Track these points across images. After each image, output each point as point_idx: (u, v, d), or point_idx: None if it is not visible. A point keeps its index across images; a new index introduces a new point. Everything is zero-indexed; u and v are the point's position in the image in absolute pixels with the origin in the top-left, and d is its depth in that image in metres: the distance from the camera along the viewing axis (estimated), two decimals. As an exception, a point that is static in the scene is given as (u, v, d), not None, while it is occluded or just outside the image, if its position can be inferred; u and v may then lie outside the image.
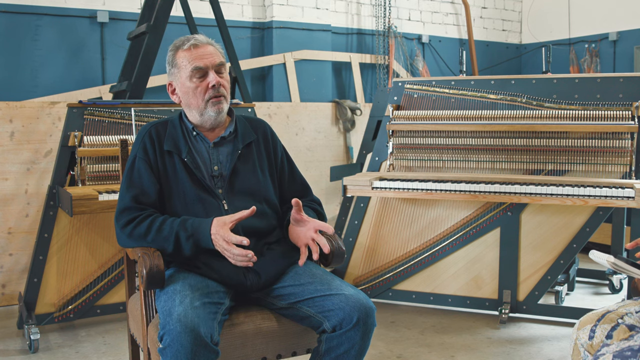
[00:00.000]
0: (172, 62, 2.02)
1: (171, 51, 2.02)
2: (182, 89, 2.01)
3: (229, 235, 1.81)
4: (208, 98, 1.98)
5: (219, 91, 1.98)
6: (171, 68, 2.02)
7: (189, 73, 1.97)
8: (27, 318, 3.12)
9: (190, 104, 2.01)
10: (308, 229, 1.93)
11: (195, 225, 1.87)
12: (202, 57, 1.97)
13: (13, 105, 3.70)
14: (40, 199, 3.70)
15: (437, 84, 3.59)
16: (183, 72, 1.98)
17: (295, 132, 5.02)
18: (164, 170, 1.99)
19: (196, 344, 1.65)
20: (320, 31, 5.67)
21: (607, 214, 3.22)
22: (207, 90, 1.97)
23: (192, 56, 1.97)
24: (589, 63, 6.36)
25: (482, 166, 3.42)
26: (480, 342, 3.14)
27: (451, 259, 3.51)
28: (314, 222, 1.93)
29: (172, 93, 2.07)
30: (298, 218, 1.95)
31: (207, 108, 1.99)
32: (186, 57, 1.97)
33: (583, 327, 1.70)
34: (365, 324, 1.82)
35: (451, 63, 6.65)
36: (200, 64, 1.96)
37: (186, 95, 2.00)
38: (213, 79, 1.97)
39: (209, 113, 2.00)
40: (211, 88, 1.97)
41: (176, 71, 2.00)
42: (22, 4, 4.48)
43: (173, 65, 2.01)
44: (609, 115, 3.19)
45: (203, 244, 1.86)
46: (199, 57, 1.97)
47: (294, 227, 1.99)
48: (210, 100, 1.98)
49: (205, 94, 1.98)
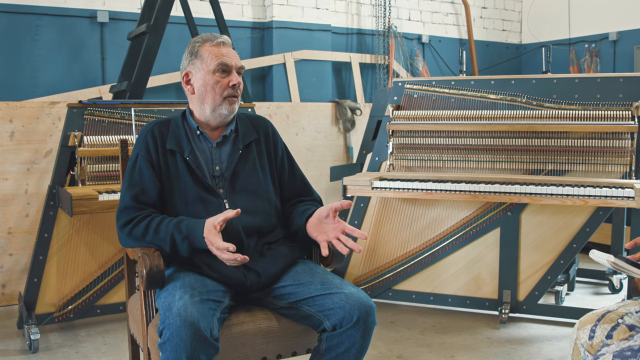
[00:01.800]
0: (195, 53, 2.03)
1: (197, 43, 2.04)
2: (201, 81, 2.02)
3: (217, 242, 1.82)
4: (226, 95, 2.01)
5: (236, 91, 2.03)
6: (193, 58, 2.03)
7: (215, 67, 1.99)
8: (27, 318, 3.12)
9: (205, 98, 2.02)
10: (336, 228, 1.92)
11: (189, 227, 1.87)
12: (229, 55, 2.02)
13: (13, 105, 3.70)
14: (40, 199, 3.70)
15: (437, 84, 3.59)
16: (207, 64, 2.00)
17: (295, 132, 5.02)
18: (165, 169, 2.00)
19: (196, 338, 1.65)
20: (320, 31, 5.67)
21: (607, 214, 3.22)
22: (227, 88, 2.01)
23: (220, 52, 2.01)
24: (589, 63, 6.36)
25: (482, 166, 3.42)
26: (480, 342, 3.14)
27: (451, 259, 3.51)
28: (344, 224, 1.92)
29: (186, 83, 2.07)
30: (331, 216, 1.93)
31: (222, 105, 2.02)
32: (213, 52, 2.01)
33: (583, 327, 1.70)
34: (366, 322, 1.82)
35: (451, 63, 6.65)
36: (227, 61, 2.01)
37: (204, 87, 2.02)
38: (235, 78, 2.02)
39: (222, 110, 2.02)
40: (231, 87, 2.01)
41: (199, 62, 2.02)
42: (22, 4, 4.48)
43: (196, 56, 2.02)
44: (609, 115, 3.19)
45: (198, 245, 1.87)
46: (226, 55, 2.02)
47: (322, 221, 1.96)
48: (227, 98, 2.01)
49: (225, 91, 2.01)
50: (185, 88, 2.07)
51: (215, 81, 2.00)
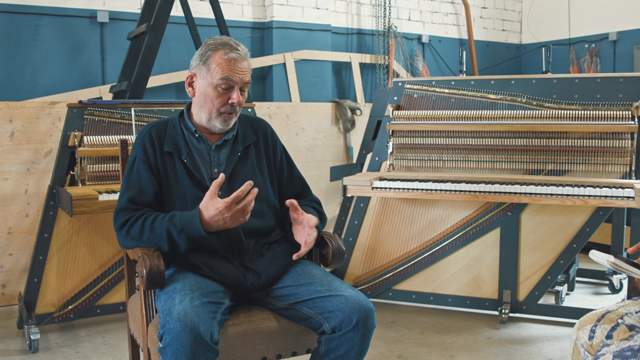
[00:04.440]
0: (205, 60, 1.98)
1: (210, 49, 1.98)
2: (202, 89, 2.00)
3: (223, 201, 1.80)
4: (222, 111, 1.99)
5: (234, 110, 2.00)
6: (201, 64, 1.99)
7: (218, 81, 1.96)
8: (27, 318, 3.12)
9: (203, 107, 2.01)
10: (304, 226, 1.97)
11: (183, 218, 1.86)
12: (236, 71, 1.97)
13: (13, 105, 3.70)
14: (40, 199, 3.70)
15: (437, 84, 3.59)
16: (212, 75, 1.97)
17: (295, 132, 5.02)
18: (164, 171, 2.00)
19: (196, 343, 1.65)
20: (320, 31, 5.67)
21: (607, 214, 3.22)
22: (225, 105, 1.99)
23: (228, 67, 1.96)
24: (589, 63, 6.36)
25: (482, 166, 3.42)
26: (480, 342, 3.14)
27: (451, 259, 3.51)
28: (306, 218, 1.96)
29: (189, 85, 2.05)
30: (295, 217, 1.98)
31: (217, 119, 2.00)
32: (221, 65, 1.96)
33: (583, 327, 1.70)
34: (365, 325, 1.82)
35: (451, 63, 6.65)
36: (232, 77, 1.96)
37: (203, 97, 2.00)
38: (235, 97, 1.98)
39: (215, 123, 2.01)
40: (229, 104, 1.99)
41: (205, 70, 1.98)
42: (22, 4, 4.48)
43: (204, 63, 1.98)
44: (609, 115, 3.19)
45: (195, 234, 1.84)
46: (234, 70, 1.96)
47: (295, 226, 2.01)
48: (223, 114, 2.00)
49: (222, 107, 1.99)
50: (187, 89, 2.06)
51: (216, 95, 1.98)
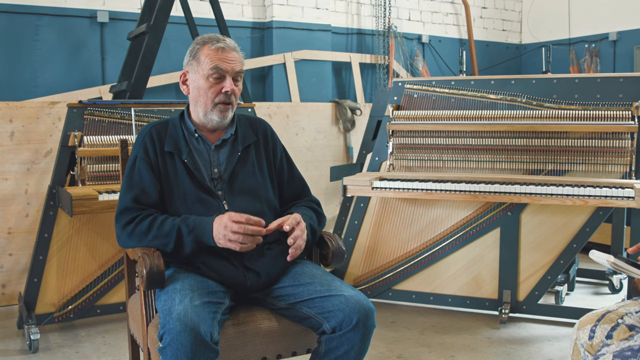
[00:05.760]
0: (194, 54, 2.01)
1: (197, 44, 2.02)
2: (195, 83, 2.01)
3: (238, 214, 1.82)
4: (217, 102, 2.00)
5: (229, 99, 2.00)
6: (191, 59, 2.02)
7: (208, 71, 1.97)
8: (27, 318, 3.12)
9: (198, 101, 2.02)
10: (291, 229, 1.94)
11: (197, 221, 1.88)
12: (226, 60, 1.99)
13: (13, 105, 3.70)
14: (40, 199, 3.70)
15: (437, 84, 3.59)
16: (202, 68, 1.98)
17: (295, 132, 5.02)
18: (164, 170, 2.00)
19: (196, 343, 1.65)
20: (320, 31, 5.67)
21: (607, 214, 3.22)
22: (218, 94, 1.99)
23: (217, 56, 1.98)
24: (589, 63, 6.36)
25: (482, 166, 3.42)
26: (480, 342, 3.14)
27: (451, 259, 3.51)
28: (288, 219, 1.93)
29: (183, 83, 2.07)
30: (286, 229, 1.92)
31: (213, 111, 2.00)
32: (210, 55, 1.98)
33: (583, 327, 1.70)
34: (365, 325, 1.82)
35: (451, 63, 6.65)
36: (222, 66, 1.97)
37: (197, 90, 2.01)
38: (228, 85, 1.98)
39: (212, 116, 2.01)
40: (223, 93, 1.99)
41: (195, 64, 2.00)
42: (22, 4, 4.48)
43: (194, 57, 2.01)
44: (609, 115, 3.19)
45: (204, 239, 1.86)
46: (223, 59, 1.98)
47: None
48: (218, 105, 2.00)
49: (216, 97, 1.99)
50: (182, 87, 2.08)
51: (208, 86, 1.98)
